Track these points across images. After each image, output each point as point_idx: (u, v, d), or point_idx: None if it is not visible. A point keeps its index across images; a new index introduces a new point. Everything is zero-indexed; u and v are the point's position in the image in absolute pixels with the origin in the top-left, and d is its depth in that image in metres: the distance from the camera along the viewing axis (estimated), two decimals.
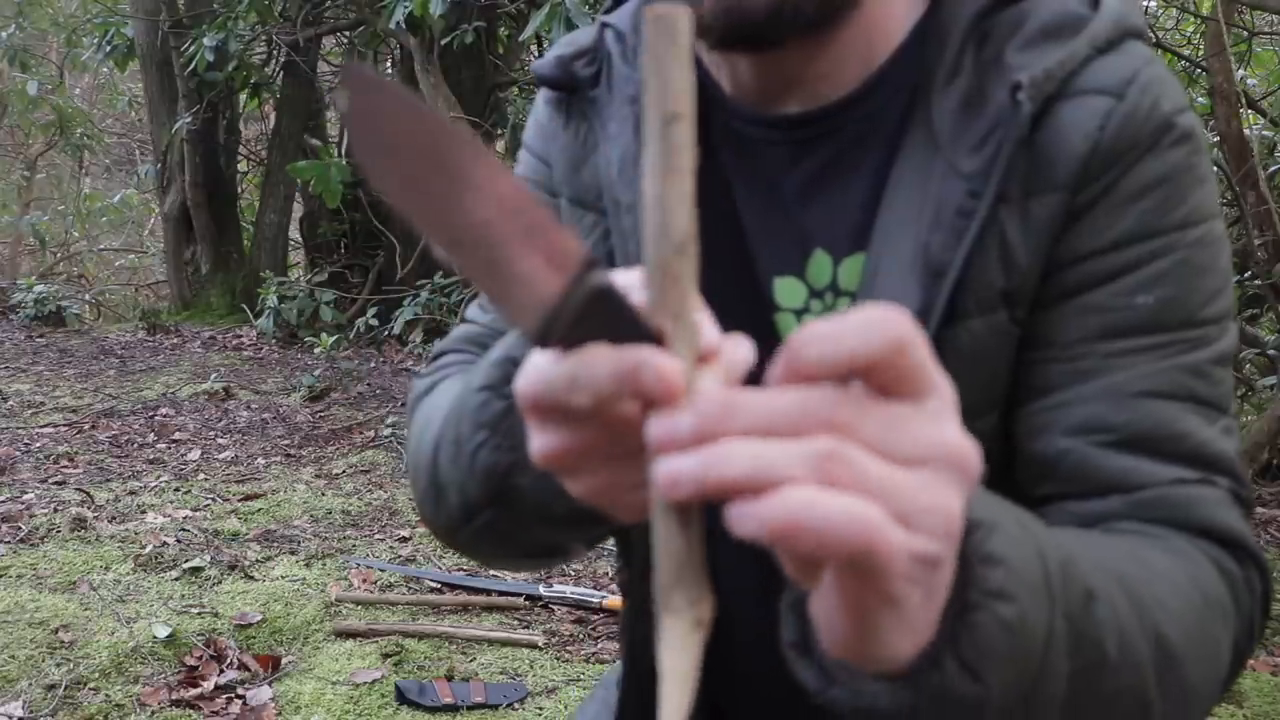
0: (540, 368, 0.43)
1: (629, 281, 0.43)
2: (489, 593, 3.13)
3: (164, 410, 5.34)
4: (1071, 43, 0.67)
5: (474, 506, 0.65)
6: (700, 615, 0.40)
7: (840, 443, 0.38)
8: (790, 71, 0.72)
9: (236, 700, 2.50)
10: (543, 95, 0.87)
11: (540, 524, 0.55)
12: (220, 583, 3.13)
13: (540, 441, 0.45)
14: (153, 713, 2.42)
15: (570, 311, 0.40)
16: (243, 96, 8.05)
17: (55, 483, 4.06)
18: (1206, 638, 0.59)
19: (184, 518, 3.68)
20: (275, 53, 7.76)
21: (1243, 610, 0.63)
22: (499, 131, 7.96)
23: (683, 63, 0.39)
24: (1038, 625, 0.47)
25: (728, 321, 0.64)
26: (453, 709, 2.48)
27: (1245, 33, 5.12)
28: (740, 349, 0.44)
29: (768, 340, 0.67)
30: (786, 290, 0.75)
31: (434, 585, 3.21)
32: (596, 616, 3.04)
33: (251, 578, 3.18)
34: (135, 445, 4.71)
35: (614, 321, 0.41)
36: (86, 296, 9.88)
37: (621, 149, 0.77)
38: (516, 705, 2.53)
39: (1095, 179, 0.67)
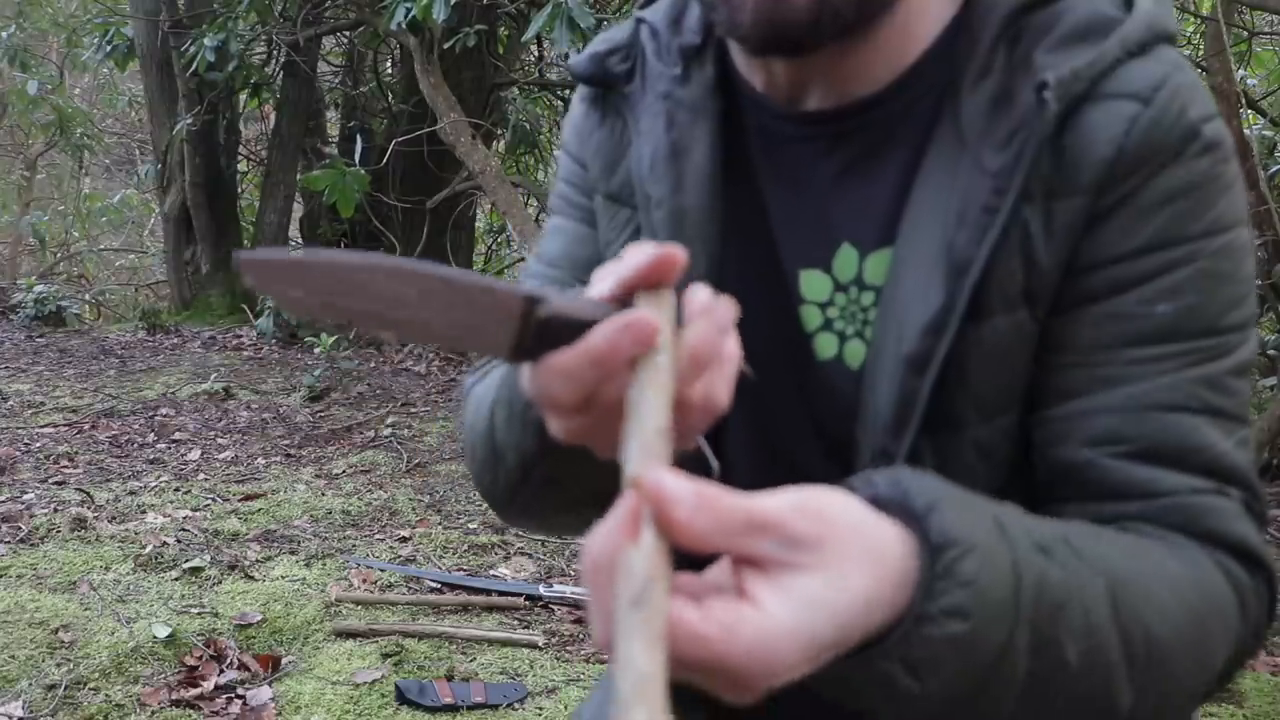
0: (530, 375, 0.53)
1: (571, 298, 0.52)
2: (489, 593, 3.13)
3: (164, 410, 5.34)
4: (1101, 44, 0.68)
5: (530, 461, 0.70)
6: None
7: None
8: (824, 70, 0.73)
9: (236, 700, 2.50)
10: (578, 94, 0.88)
11: (588, 465, 0.57)
12: (220, 583, 3.13)
13: (555, 426, 0.55)
14: (153, 713, 2.42)
15: (530, 340, 0.50)
16: (243, 96, 8.04)
17: (55, 483, 4.06)
18: (1200, 636, 0.62)
19: (184, 518, 3.68)
20: (275, 53, 7.75)
21: (1249, 615, 0.66)
22: (499, 132, 7.96)
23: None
24: (993, 639, 0.51)
25: (752, 313, 0.68)
26: (453, 709, 2.48)
27: (1245, 33, 5.12)
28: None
29: (791, 333, 0.72)
30: (812, 283, 0.76)
31: (434, 585, 3.21)
32: None
33: (251, 578, 3.18)
34: (135, 445, 4.71)
35: (570, 333, 0.51)
36: (86, 296, 9.87)
37: (653, 144, 0.78)
38: (516, 705, 2.53)
39: (1119, 184, 0.67)
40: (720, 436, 0.77)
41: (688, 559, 0.46)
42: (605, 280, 0.53)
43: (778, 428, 0.78)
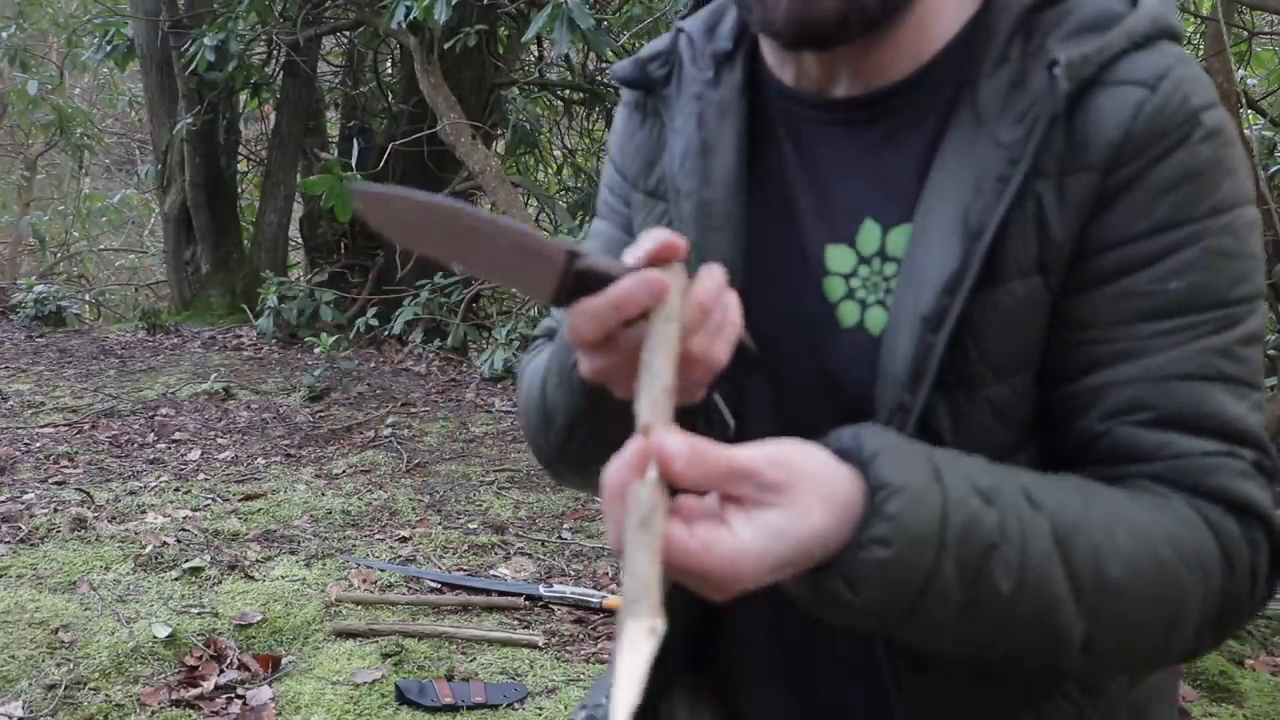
0: (566, 318, 0.65)
1: (606, 258, 0.65)
2: (489, 593, 3.13)
3: (164, 410, 5.34)
4: (1109, 33, 0.74)
5: (577, 417, 0.80)
6: (654, 626, 0.52)
7: None
8: (849, 62, 0.80)
9: (236, 700, 2.50)
10: (622, 101, 0.96)
11: (622, 421, 0.66)
12: (220, 583, 3.13)
13: (585, 364, 0.68)
14: (153, 713, 2.42)
15: (569, 287, 0.63)
16: (243, 96, 8.04)
17: (55, 483, 4.06)
18: (1165, 581, 0.69)
19: (184, 518, 3.68)
20: (275, 53, 7.75)
21: (1237, 569, 0.71)
22: (499, 132, 7.95)
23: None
24: (917, 564, 0.63)
25: (779, 287, 0.83)
26: (453, 709, 2.48)
27: (1245, 33, 5.13)
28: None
29: (816, 303, 0.82)
30: (837, 257, 0.82)
31: (434, 585, 3.21)
32: (596, 616, 3.04)
33: (251, 578, 3.18)
34: (135, 445, 4.71)
35: (600, 283, 0.63)
36: (86, 296, 9.87)
37: (684, 140, 0.86)
38: (516, 705, 2.53)
39: (1127, 163, 0.72)
40: (742, 401, 0.83)
41: None
42: (629, 255, 0.65)
43: (796, 393, 0.84)
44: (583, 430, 0.81)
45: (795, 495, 0.60)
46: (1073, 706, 0.81)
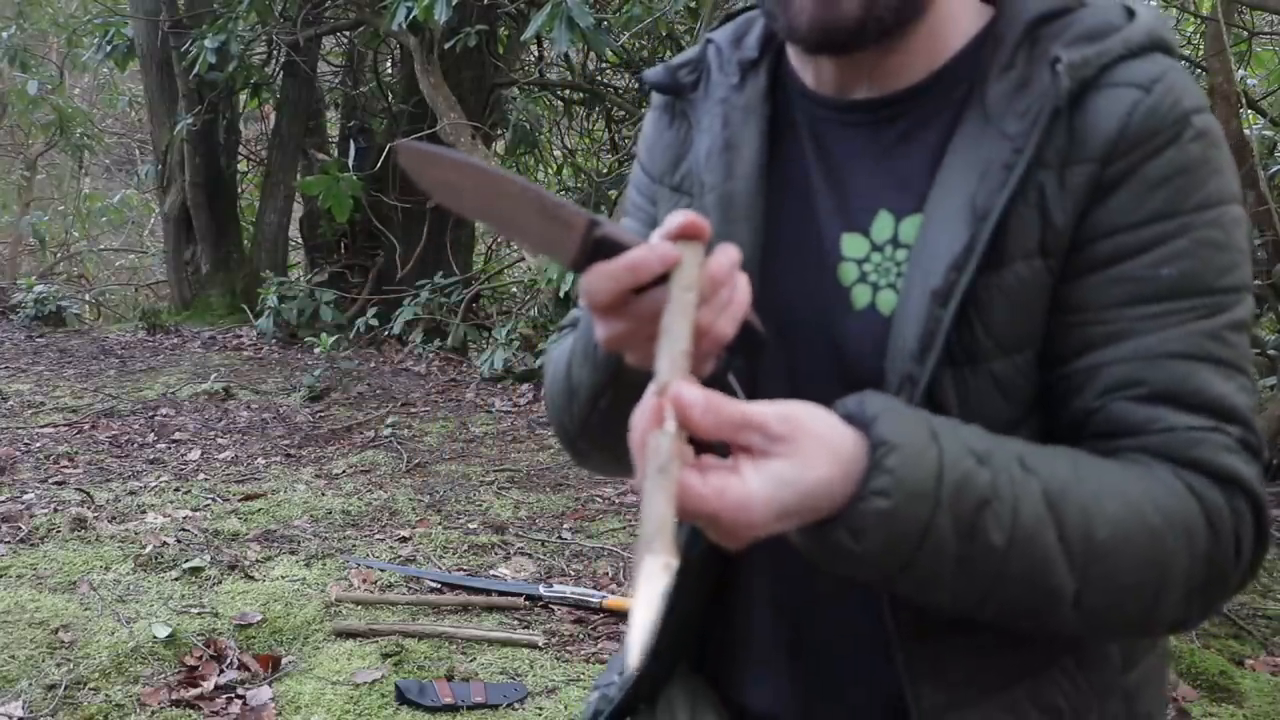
0: (583, 281, 0.70)
1: (624, 229, 0.71)
2: (489, 593, 3.13)
3: (164, 410, 5.34)
4: (1107, 40, 0.80)
5: (600, 390, 0.86)
6: (669, 561, 0.57)
7: None
8: (866, 67, 0.87)
9: (236, 700, 2.50)
10: (651, 106, 1.02)
11: (640, 394, 0.70)
12: (220, 583, 3.13)
13: (600, 330, 0.72)
14: (153, 713, 2.42)
15: (587, 251, 0.68)
16: (243, 96, 8.04)
17: (55, 483, 4.07)
18: (1151, 545, 0.73)
19: (184, 518, 3.68)
20: (275, 53, 7.75)
21: (1222, 534, 0.75)
22: (499, 132, 7.96)
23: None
24: (914, 515, 0.68)
25: (797, 271, 0.90)
26: (453, 709, 2.48)
27: (1245, 33, 5.13)
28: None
29: (830, 287, 0.89)
30: (851, 244, 0.87)
31: (434, 585, 3.21)
32: (596, 616, 3.04)
33: (251, 578, 3.18)
34: (135, 445, 4.71)
35: (617, 251, 0.68)
36: (86, 296, 9.88)
37: (710, 139, 0.92)
38: (516, 705, 2.53)
39: (1122, 156, 0.78)
40: (756, 382, 0.88)
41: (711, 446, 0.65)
42: (657, 234, 0.70)
43: (810, 373, 0.89)
44: (604, 402, 0.86)
45: (800, 447, 0.65)
46: (1068, 680, 0.85)
